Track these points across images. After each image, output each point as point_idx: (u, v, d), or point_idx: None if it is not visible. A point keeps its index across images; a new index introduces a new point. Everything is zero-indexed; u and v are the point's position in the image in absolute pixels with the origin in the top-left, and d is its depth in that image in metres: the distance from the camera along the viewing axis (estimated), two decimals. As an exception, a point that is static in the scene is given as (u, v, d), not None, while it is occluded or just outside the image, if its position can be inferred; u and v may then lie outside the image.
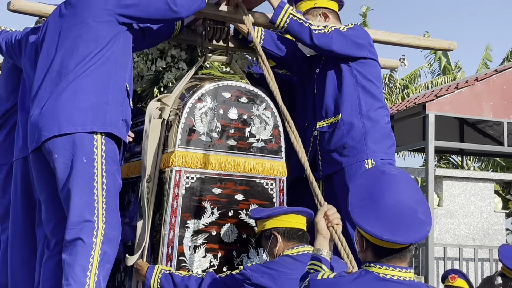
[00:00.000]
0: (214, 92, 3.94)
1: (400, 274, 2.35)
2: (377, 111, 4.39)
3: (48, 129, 3.66)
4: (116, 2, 3.82)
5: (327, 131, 4.40)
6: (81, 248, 3.50)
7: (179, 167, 3.80)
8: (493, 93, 8.60)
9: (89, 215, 3.56)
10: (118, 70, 3.83)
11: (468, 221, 9.05)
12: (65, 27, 3.86)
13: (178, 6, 3.86)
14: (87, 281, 3.48)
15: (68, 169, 3.61)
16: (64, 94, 3.69)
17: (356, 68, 4.39)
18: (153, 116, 3.88)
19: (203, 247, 3.83)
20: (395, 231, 2.32)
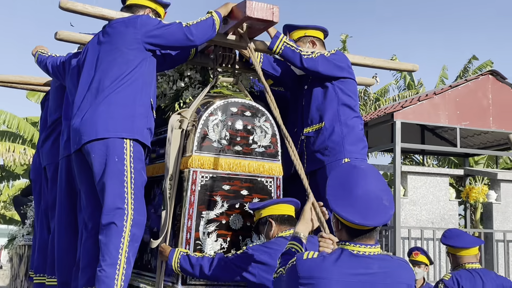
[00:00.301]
0: (223, 107, 4.01)
1: (369, 250, 2.40)
2: (353, 119, 4.46)
3: (88, 134, 3.75)
4: (144, 33, 3.86)
5: (312, 136, 4.45)
6: (114, 231, 3.61)
7: (196, 168, 3.86)
8: (448, 104, 8.67)
9: (120, 203, 3.66)
10: (144, 88, 3.90)
11: (428, 208, 9.14)
12: (102, 52, 3.93)
13: (194, 36, 3.90)
14: (119, 257, 3.57)
15: (103, 167, 3.70)
16: (101, 106, 3.77)
17: (337, 86, 4.45)
18: (174, 127, 3.97)
19: (215, 233, 3.87)
20: (364, 216, 2.36)
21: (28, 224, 7.81)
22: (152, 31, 3.91)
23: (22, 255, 7.85)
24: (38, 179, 5.35)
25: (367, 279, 2.37)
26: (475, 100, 9.00)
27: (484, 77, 9.22)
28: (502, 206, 9.54)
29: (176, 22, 3.97)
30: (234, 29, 4.24)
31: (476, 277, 4.47)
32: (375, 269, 2.39)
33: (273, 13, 4.01)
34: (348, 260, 2.38)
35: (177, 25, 3.94)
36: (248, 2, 3.92)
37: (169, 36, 3.94)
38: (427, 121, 8.84)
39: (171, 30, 3.93)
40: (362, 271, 2.37)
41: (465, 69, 17.34)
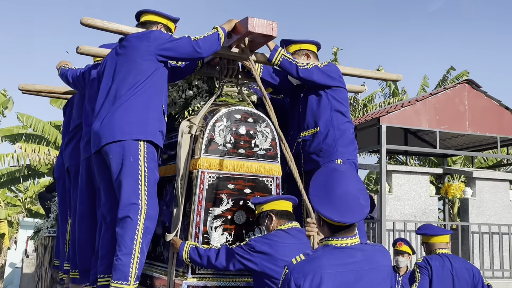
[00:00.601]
0: (228, 114, 4.00)
1: (350, 241, 2.41)
2: (345, 124, 4.46)
3: (106, 137, 3.75)
4: (156, 46, 3.86)
5: (309, 139, 4.45)
6: (129, 224, 3.62)
7: (203, 169, 3.86)
8: (428, 110, 8.67)
9: (135, 199, 3.67)
10: (157, 95, 3.90)
11: (411, 203, 9.12)
12: (119, 63, 3.92)
13: (201, 49, 3.89)
14: (133, 247, 3.59)
15: (119, 166, 3.71)
16: (118, 112, 3.77)
17: (330, 94, 4.45)
18: (184, 132, 3.98)
19: (221, 228, 3.87)
20: (342, 214, 2.36)
21: (51, 218, 7.83)
22: (164, 44, 3.90)
23: (47, 245, 7.86)
24: (61, 178, 5.34)
25: (353, 268, 2.38)
26: (453, 106, 9.01)
27: (460, 86, 9.25)
28: (477, 202, 9.56)
29: (185, 36, 3.96)
30: (237, 43, 4.23)
31: (445, 260, 4.70)
32: (359, 257, 2.40)
33: (272, 29, 4.01)
34: (333, 253, 2.39)
35: (186, 39, 3.93)
36: (249, 19, 3.94)
37: (179, 48, 3.92)
38: (409, 125, 8.82)
39: (181, 43, 3.92)
40: (347, 260, 2.38)
41: (444, 78, 17.36)
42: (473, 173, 9.73)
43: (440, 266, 4.71)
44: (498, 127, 9.26)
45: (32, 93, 5.84)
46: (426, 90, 17.58)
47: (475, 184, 9.63)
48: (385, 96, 18.19)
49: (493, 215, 9.54)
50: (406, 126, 8.90)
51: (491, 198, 9.63)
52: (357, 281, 2.37)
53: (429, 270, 4.87)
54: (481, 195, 9.60)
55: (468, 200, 9.53)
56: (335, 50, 17.68)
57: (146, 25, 4.21)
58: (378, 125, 8.53)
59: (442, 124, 8.80)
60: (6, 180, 16.09)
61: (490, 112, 9.27)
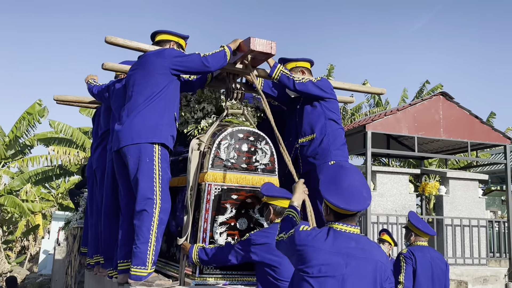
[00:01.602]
0: (232, 134, 3.98)
1: (350, 229, 2.48)
2: (337, 130, 4.46)
3: (125, 140, 3.78)
4: (170, 62, 3.87)
5: (306, 145, 4.44)
6: (145, 216, 3.64)
7: (210, 181, 3.83)
8: (408, 118, 8.67)
9: (151, 194, 3.68)
10: (170, 104, 3.91)
11: (392, 199, 9.11)
12: (138, 76, 3.94)
13: (210, 64, 3.90)
14: (150, 237, 3.62)
15: (136, 165, 3.73)
16: (135, 118, 3.79)
17: (323, 104, 4.43)
18: (194, 148, 3.96)
19: (225, 233, 3.85)
20: (348, 203, 2.43)
21: (80, 211, 7.80)
22: (176, 60, 3.91)
23: (76, 235, 7.85)
24: (91, 177, 5.33)
25: (346, 252, 2.41)
26: (429, 115, 9.01)
27: (436, 97, 9.26)
28: (450, 198, 9.56)
29: (196, 53, 3.96)
30: (241, 60, 4.24)
31: (425, 251, 4.76)
32: (353, 244, 2.44)
33: (272, 47, 4.02)
34: (333, 235, 2.44)
35: (196, 55, 3.93)
36: (252, 39, 3.94)
37: (190, 63, 3.93)
38: (391, 131, 8.81)
39: (191, 59, 3.93)
40: (342, 244, 2.42)
41: (420, 90, 17.35)
42: (447, 173, 9.74)
43: (422, 256, 4.75)
44: (469, 133, 9.26)
45: (65, 103, 5.84)
46: (405, 101, 17.59)
47: (449, 183, 9.64)
48: (370, 106, 18.19)
49: (464, 210, 9.55)
50: (388, 132, 8.89)
51: (463, 195, 9.64)
52: (346, 264, 2.39)
53: (413, 260, 4.90)
54: (454, 192, 9.61)
55: (442, 197, 9.55)
56: (329, 67, 17.73)
57: (160, 44, 4.20)
58: (364, 131, 8.54)
59: (419, 131, 8.81)
60: (41, 178, 16.09)
61: (462, 120, 9.28)
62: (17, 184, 16.13)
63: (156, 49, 4.06)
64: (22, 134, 15.52)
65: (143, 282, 3.56)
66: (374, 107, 17.73)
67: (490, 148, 10.72)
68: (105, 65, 4.38)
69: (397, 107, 10.02)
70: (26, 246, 22.04)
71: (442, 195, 9.55)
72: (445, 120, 9.11)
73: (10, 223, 21.15)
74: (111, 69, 4.50)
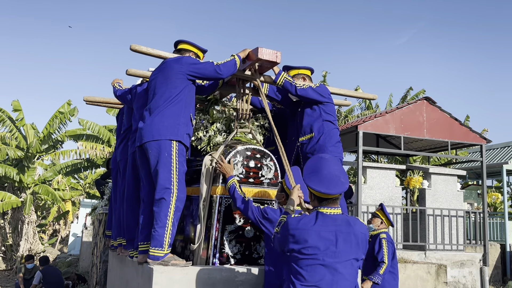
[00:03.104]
0: (241, 152, 3.96)
1: (334, 211, 2.52)
2: (333, 130, 4.50)
3: (147, 137, 3.79)
4: (186, 68, 3.88)
5: (306, 143, 4.48)
6: (164, 203, 3.65)
7: (221, 194, 3.81)
8: (395, 120, 8.65)
9: (168, 185, 3.69)
10: (186, 106, 3.91)
11: (381, 191, 9.06)
12: (158, 81, 3.95)
13: (221, 71, 3.91)
14: (167, 222, 3.62)
15: (157, 159, 3.74)
16: (156, 118, 3.81)
17: (322, 108, 4.48)
18: (206, 164, 3.94)
19: (234, 240, 3.83)
20: (328, 187, 2.48)
21: (105, 199, 7.83)
22: (192, 67, 3.91)
23: (101, 220, 7.88)
24: (115, 169, 5.33)
25: (334, 229, 2.47)
26: (414, 117, 8.96)
27: (420, 101, 9.22)
28: (432, 191, 9.53)
29: (210, 61, 3.96)
30: (250, 67, 4.24)
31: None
32: (339, 222, 2.49)
33: (277, 56, 4.02)
34: (321, 218, 2.48)
35: (210, 63, 3.94)
36: (259, 49, 3.95)
37: (204, 70, 3.93)
38: (381, 131, 8.76)
39: (205, 66, 3.93)
40: (330, 223, 2.47)
41: (405, 96, 17.30)
42: (429, 169, 9.70)
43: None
44: (449, 134, 9.23)
45: (93, 103, 5.84)
46: (391, 105, 17.55)
47: (431, 177, 9.60)
48: (362, 109, 18.13)
49: (444, 202, 9.52)
50: (378, 132, 8.83)
51: (443, 188, 9.60)
52: (336, 239, 2.45)
53: (393, 244, 5.10)
54: (435, 186, 9.57)
55: (425, 190, 9.51)
56: (324, 73, 17.72)
57: (181, 52, 4.21)
58: (356, 131, 8.53)
59: (405, 131, 8.78)
60: (70, 170, 16.14)
61: (443, 122, 9.23)
62: (50, 175, 16.18)
63: (176, 56, 4.06)
64: (55, 131, 15.55)
65: (160, 262, 3.56)
66: (365, 110, 17.67)
67: (468, 147, 10.66)
68: (129, 71, 4.39)
69: (386, 110, 9.97)
70: (57, 230, 22.14)
71: (425, 188, 9.52)
72: (428, 122, 9.07)
73: (44, 209, 21.26)
74: (134, 75, 4.50)
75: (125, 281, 4.57)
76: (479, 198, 13.41)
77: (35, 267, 10.08)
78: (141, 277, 3.82)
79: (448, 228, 9.32)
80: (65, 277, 10.55)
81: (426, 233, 9.21)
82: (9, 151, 14.81)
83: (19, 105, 15.50)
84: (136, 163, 4.24)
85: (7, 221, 16.19)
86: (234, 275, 3.55)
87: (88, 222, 15.80)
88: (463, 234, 9.53)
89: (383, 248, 5.04)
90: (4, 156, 14.77)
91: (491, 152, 16.42)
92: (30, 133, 15.64)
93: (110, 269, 6.02)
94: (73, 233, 17.00)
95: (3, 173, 14.87)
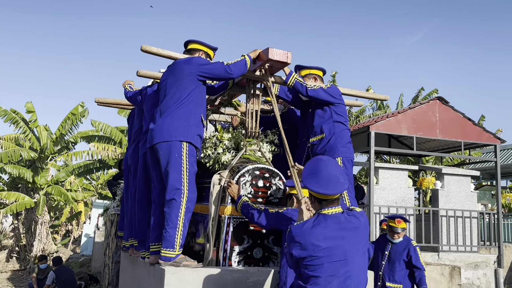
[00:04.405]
0: (250, 171, 3.88)
1: (335, 210, 2.52)
2: (344, 131, 4.45)
3: (157, 138, 3.79)
4: (197, 69, 3.87)
5: (316, 143, 4.43)
6: (174, 204, 3.64)
7: (230, 215, 3.74)
8: (407, 120, 8.59)
9: (179, 185, 3.68)
10: (197, 107, 3.89)
11: (393, 192, 9.01)
12: (169, 82, 3.94)
13: (232, 71, 3.90)
14: (178, 223, 3.62)
15: (167, 160, 3.73)
16: (167, 119, 3.80)
17: (332, 108, 4.44)
18: (215, 183, 3.88)
19: (243, 261, 3.79)
20: (326, 188, 2.48)
21: (117, 200, 7.85)
22: (202, 67, 3.90)
23: (113, 220, 7.91)
24: (126, 170, 5.34)
25: (338, 227, 2.48)
26: (427, 117, 8.91)
27: (433, 101, 9.16)
28: (445, 192, 9.45)
29: (220, 62, 3.95)
30: (260, 68, 4.22)
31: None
32: (342, 219, 2.51)
33: (288, 57, 4.00)
34: (323, 220, 2.49)
35: (220, 64, 3.92)
36: (270, 49, 3.93)
37: (214, 70, 3.92)
38: (393, 131, 8.72)
39: (216, 66, 3.92)
40: (334, 222, 2.49)
41: (416, 96, 17.17)
42: (442, 170, 9.63)
43: None
44: (462, 134, 9.15)
45: (105, 105, 5.87)
46: (402, 105, 17.43)
47: (444, 178, 9.53)
48: (373, 109, 18.04)
49: (457, 203, 9.44)
50: (390, 132, 8.80)
51: (456, 189, 9.52)
52: (343, 235, 2.47)
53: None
54: (448, 187, 9.49)
55: (438, 190, 9.43)
56: (334, 73, 17.66)
57: (191, 52, 4.20)
58: (368, 132, 8.49)
59: (418, 131, 8.72)
60: (83, 170, 16.26)
61: (456, 122, 9.16)
62: (63, 175, 16.31)
63: (186, 57, 4.05)
64: (67, 132, 15.67)
65: (171, 263, 3.57)
66: (376, 110, 17.58)
67: (482, 147, 10.55)
68: (140, 72, 4.39)
69: (398, 110, 9.92)
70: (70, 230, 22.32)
71: (437, 189, 9.44)
72: (441, 122, 9.01)
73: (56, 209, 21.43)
74: (144, 76, 4.50)
75: (137, 281, 4.58)
76: (493, 199, 13.26)
77: (48, 267, 10.16)
78: (153, 278, 3.82)
79: (462, 229, 9.23)
80: (78, 277, 10.63)
81: (439, 234, 9.13)
82: (23, 152, 14.97)
83: (32, 107, 15.65)
84: (147, 164, 4.24)
85: (21, 221, 16.36)
86: (246, 277, 3.54)
87: (100, 223, 15.90)
88: (477, 236, 9.43)
89: (419, 256, 5.11)
90: (18, 157, 14.92)
91: (505, 152, 16.23)
92: (43, 134, 15.79)
93: (122, 270, 6.04)
94: (86, 234, 17.12)
95: (17, 174, 15.03)
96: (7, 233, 21.59)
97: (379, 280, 5.26)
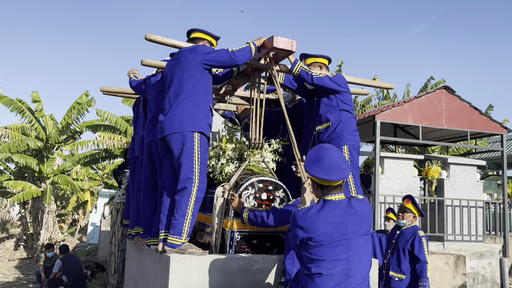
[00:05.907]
0: (253, 184, 3.85)
1: (338, 197, 2.58)
2: (350, 119, 4.44)
3: (168, 129, 3.77)
4: (202, 57, 3.84)
5: (323, 132, 4.43)
6: (185, 193, 3.66)
7: (233, 229, 3.73)
8: (413, 109, 8.56)
9: (191, 175, 3.69)
10: (205, 96, 3.87)
11: (398, 182, 9.01)
12: (175, 72, 3.92)
13: (237, 58, 3.87)
14: (187, 211, 3.64)
15: (180, 150, 3.72)
16: (177, 109, 3.78)
17: (338, 97, 4.42)
18: (218, 196, 3.88)
19: None
20: (329, 174, 2.54)
21: (122, 188, 7.89)
22: (208, 55, 3.88)
23: (119, 209, 7.95)
24: (132, 159, 5.34)
25: (341, 212, 2.53)
26: (433, 107, 8.88)
27: (439, 91, 9.12)
28: (451, 181, 9.43)
29: (225, 49, 3.93)
30: (265, 56, 4.19)
31: None
32: (344, 205, 2.56)
33: (292, 45, 3.97)
34: (326, 205, 2.54)
35: (225, 51, 3.91)
36: (275, 37, 3.90)
37: (219, 58, 3.89)
38: (398, 121, 8.71)
39: (221, 54, 3.90)
40: (336, 208, 2.54)
41: (425, 85, 17.09)
42: (448, 159, 9.61)
43: None
44: (468, 123, 9.13)
45: (109, 94, 5.87)
46: (409, 95, 17.37)
47: (449, 168, 9.51)
48: (379, 98, 17.98)
49: (463, 192, 9.43)
50: (395, 122, 8.79)
51: (462, 179, 9.50)
52: (343, 220, 2.51)
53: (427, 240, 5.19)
54: (454, 176, 9.48)
55: (443, 180, 9.42)
56: (340, 63, 17.60)
57: (195, 41, 4.18)
58: (374, 121, 8.48)
59: (424, 121, 8.71)
60: (89, 160, 16.33)
61: (462, 111, 9.13)
62: (69, 165, 16.41)
63: (190, 46, 4.04)
64: (73, 122, 15.73)
65: (177, 250, 3.59)
66: (382, 100, 17.52)
67: (488, 137, 10.50)
68: (144, 61, 4.37)
69: (404, 99, 9.91)
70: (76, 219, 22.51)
71: (443, 179, 9.43)
72: (447, 111, 8.98)
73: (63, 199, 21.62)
74: (149, 65, 4.48)
75: (143, 269, 4.61)
76: (499, 188, 13.23)
77: (55, 255, 10.28)
78: (158, 265, 3.84)
79: (467, 219, 9.23)
80: (84, 265, 10.74)
81: (445, 223, 9.13)
82: (29, 142, 15.06)
83: (38, 96, 15.70)
84: (151, 153, 4.25)
85: (28, 210, 16.51)
86: (251, 264, 3.55)
87: (106, 212, 16.01)
88: (482, 225, 9.43)
89: (423, 247, 5.01)
90: (25, 147, 15.01)
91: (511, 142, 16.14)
92: (49, 124, 15.86)
93: (127, 258, 6.09)
94: (92, 223, 17.25)
95: (24, 164, 15.14)
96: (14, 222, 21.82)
97: (384, 268, 5.27)
